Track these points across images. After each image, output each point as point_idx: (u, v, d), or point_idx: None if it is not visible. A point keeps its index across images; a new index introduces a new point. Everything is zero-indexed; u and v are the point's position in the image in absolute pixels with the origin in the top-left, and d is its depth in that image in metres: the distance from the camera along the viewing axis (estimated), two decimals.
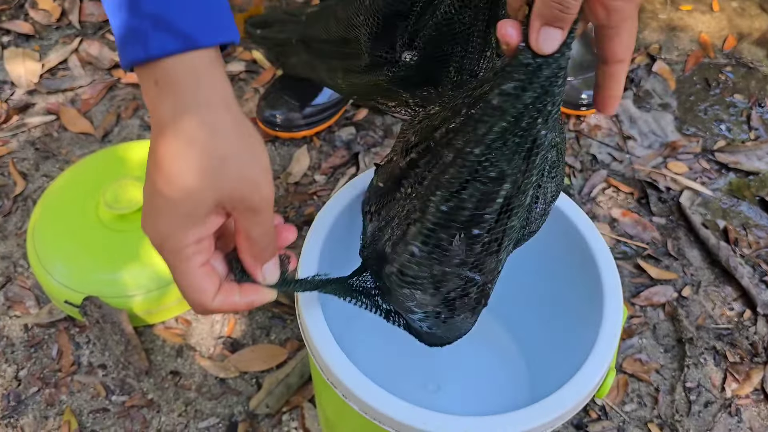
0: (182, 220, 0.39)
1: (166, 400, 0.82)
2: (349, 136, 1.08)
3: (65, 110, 1.10)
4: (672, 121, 1.13)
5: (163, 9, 0.37)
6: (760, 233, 1.00)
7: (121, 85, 1.15)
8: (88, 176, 0.93)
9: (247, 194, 0.39)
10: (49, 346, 0.86)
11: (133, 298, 0.83)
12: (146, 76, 0.39)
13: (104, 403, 0.82)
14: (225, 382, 0.84)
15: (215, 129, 0.38)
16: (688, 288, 0.93)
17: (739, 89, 1.18)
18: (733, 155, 1.08)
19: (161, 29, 0.37)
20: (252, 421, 0.80)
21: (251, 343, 0.87)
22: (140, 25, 0.37)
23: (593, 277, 0.59)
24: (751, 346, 0.89)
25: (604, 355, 0.54)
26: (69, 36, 1.22)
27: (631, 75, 1.18)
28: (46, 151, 1.06)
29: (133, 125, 1.09)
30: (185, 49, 0.37)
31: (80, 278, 0.84)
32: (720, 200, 1.04)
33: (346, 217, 0.62)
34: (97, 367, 0.84)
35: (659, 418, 0.83)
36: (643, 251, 0.97)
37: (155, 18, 0.37)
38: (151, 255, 0.85)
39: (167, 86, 0.38)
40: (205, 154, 0.38)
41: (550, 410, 0.50)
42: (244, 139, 0.39)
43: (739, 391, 0.85)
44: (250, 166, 0.39)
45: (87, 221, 0.87)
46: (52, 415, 0.81)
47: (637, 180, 1.05)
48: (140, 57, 0.37)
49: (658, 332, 0.90)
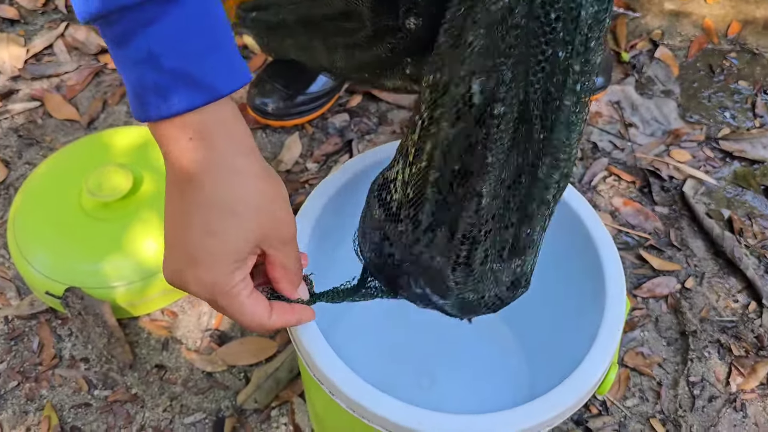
0: (228, 268, 0.41)
1: (150, 394, 0.79)
2: (342, 123, 1.05)
3: (50, 96, 1.07)
4: (675, 108, 1.10)
5: (184, 64, 0.37)
6: (765, 223, 0.97)
7: (108, 70, 1.11)
8: (72, 163, 0.89)
9: (282, 232, 0.43)
10: (30, 339, 0.83)
11: (116, 289, 0.80)
12: (173, 130, 0.39)
13: (86, 397, 0.79)
14: (212, 376, 0.81)
15: (249, 177, 0.41)
16: (692, 279, 0.91)
17: (744, 76, 1.14)
18: (738, 143, 1.05)
19: (185, 84, 0.37)
20: (240, 416, 0.78)
21: (240, 335, 0.84)
22: (162, 80, 0.37)
23: (595, 268, 0.57)
24: (756, 339, 0.86)
25: (606, 350, 0.51)
26: (55, 21, 1.18)
27: (633, 61, 1.15)
28: (30, 138, 1.02)
29: (120, 112, 1.06)
30: (210, 101, 0.38)
31: (62, 268, 0.81)
32: (724, 189, 1.01)
33: (335, 204, 0.59)
34: (80, 360, 0.81)
35: (662, 413, 0.80)
36: (645, 241, 0.94)
37: (177, 73, 0.37)
38: (135, 245, 0.81)
39: (200, 139, 0.39)
40: (244, 204, 0.40)
41: (548, 408, 0.47)
42: (271, 182, 0.42)
43: (745, 386, 0.82)
44: (279, 206, 0.42)
45: (69, 210, 0.84)
46: (32, 410, 0.78)
47: (639, 168, 1.02)
48: (164, 113, 0.38)
49: (660, 325, 0.87)
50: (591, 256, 0.57)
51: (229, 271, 0.41)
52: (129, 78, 0.38)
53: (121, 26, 0.37)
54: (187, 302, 0.86)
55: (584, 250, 0.58)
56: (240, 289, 0.42)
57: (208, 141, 0.39)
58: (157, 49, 0.37)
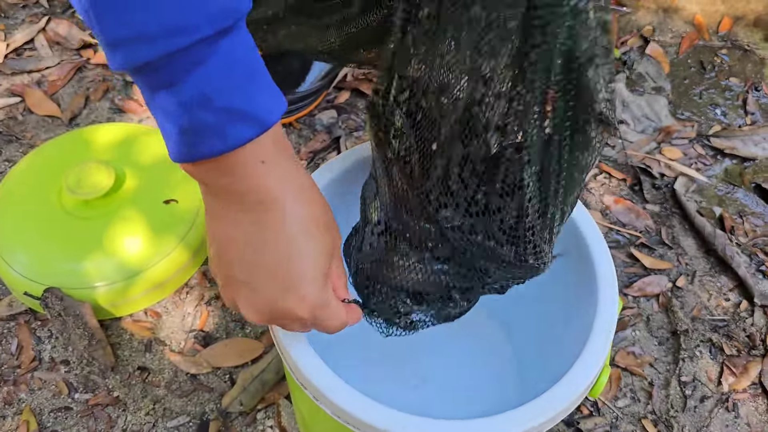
0: (322, 284, 0.43)
1: (132, 397, 0.77)
2: (330, 120, 1.03)
3: (31, 92, 1.05)
4: (666, 105, 1.09)
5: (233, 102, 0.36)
6: (757, 221, 0.96)
7: (91, 66, 1.09)
8: (52, 160, 0.87)
9: (339, 242, 0.45)
10: (9, 341, 0.81)
11: (97, 290, 0.78)
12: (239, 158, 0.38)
13: (66, 401, 0.77)
14: (196, 378, 0.79)
15: (312, 192, 0.42)
16: (683, 278, 0.90)
17: (735, 72, 1.14)
18: (729, 140, 1.04)
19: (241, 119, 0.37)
20: (225, 419, 0.76)
21: (225, 336, 0.82)
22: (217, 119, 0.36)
23: (587, 270, 0.55)
24: (748, 339, 0.85)
25: (598, 352, 0.50)
26: (36, 15, 1.16)
27: (624, 57, 1.14)
28: (10, 135, 1.00)
29: (103, 108, 1.04)
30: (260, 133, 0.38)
31: (41, 268, 0.79)
32: (715, 187, 1.00)
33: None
34: (60, 362, 0.79)
35: (653, 413, 0.79)
36: (636, 240, 0.93)
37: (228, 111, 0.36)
38: (116, 244, 0.80)
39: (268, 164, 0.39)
40: (316, 220, 0.42)
41: (539, 413, 0.46)
42: (321, 195, 0.44)
43: (736, 385, 0.81)
44: (332, 219, 0.44)
45: (49, 208, 0.82)
46: (9, 415, 0.76)
47: (630, 166, 1.01)
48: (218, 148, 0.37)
49: (651, 324, 0.86)
50: (583, 257, 0.56)
51: (323, 287, 0.43)
52: (176, 121, 0.37)
53: (168, 72, 0.35)
54: (171, 302, 0.84)
55: (576, 252, 0.57)
56: (332, 298, 0.44)
57: (274, 164, 0.39)
58: (208, 90, 0.35)
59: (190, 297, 0.85)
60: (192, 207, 0.84)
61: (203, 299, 0.85)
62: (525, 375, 0.74)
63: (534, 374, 0.68)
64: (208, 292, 0.85)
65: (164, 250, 0.81)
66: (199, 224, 0.84)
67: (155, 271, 0.80)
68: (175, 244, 0.81)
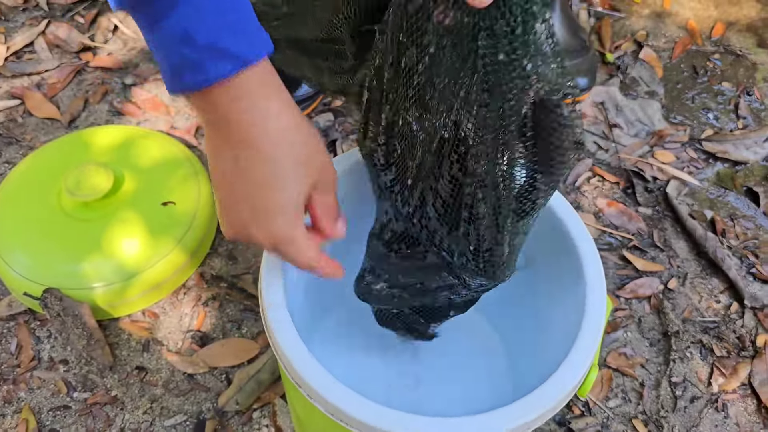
0: (292, 217, 0.45)
1: (130, 396, 0.78)
2: (326, 123, 1.05)
3: (30, 94, 1.06)
4: (659, 109, 1.10)
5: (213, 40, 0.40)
6: (748, 224, 0.97)
7: (90, 69, 1.10)
8: (51, 162, 0.88)
9: (328, 178, 0.48)
10: (8, 341, 0.82)
11: (96, 290, 0.79)
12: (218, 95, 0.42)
13: (65, 400, 0.78)
14: (193, 378, 0.80)
15: (295, 131, 0.44)
16: (675, 280, 0.91)
17: (727, 77, 1.15)
18: (721, 144, 1.06)
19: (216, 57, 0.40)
20: (221, 418, 0.77)
21: (221, 336, 0.83)
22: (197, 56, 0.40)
23: (577, 272, 0.56)
24: (738, 340, 0.86)
25: (586, 352, 0.51)
26: (36, 18, 1.17)
27: (618, 62, 1.15)
28: (9, 137, 1.01)
29: (102, 110, 1.05)
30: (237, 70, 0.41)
31: (40, 269, 0.80)
32: (707, 190, 1.01)
33: None
34: (59, 362, 0.80)
35: (644, 413, 0.80)
36: (628, 242, 0.94)
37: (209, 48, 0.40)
38: (115, 245, 0.81)
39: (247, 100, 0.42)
40: (296, 156, 0.44)
41: (528, 410, 0.47)
42: (312, 131, 0.46)
43: (726, 386, 0.83)
44: (322, 152, 0.47)
45: (48, 209, 0.83)
46: (9, 413, 0.77)
47: (623, 169, 1.02)
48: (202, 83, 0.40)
49: (643, 325, 0.87)
50: (573, 259, 0.57)
51: (292, 220, 0.45)
52: (164, 55, 0.41)
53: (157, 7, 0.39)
54: (168, 303, 0.86)
55: (566, 255, 0.58)
56: (300, 234, 0.46)
57: (253, 103, 0.42)
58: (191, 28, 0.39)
59: (188, 298, 0.86)
60: (189, 209, 0.85)
61: (200, 300, 0.86)
62: (517, 374, 0.75)
63: (526, 373, 0.69)
64: (205, 293, 0.86)
65: (162, 251, 0.82)
66: (196, 226, 0.85)
67: (153, 273, 0.81)
68: (173, 245, 0.82)
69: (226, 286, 0.87)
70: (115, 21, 1.17)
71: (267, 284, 0.52)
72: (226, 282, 0.87)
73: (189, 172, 0.89)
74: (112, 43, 1.14)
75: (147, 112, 1.05)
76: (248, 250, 0.90)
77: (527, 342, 0.71)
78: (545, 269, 0.63)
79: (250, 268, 0.89)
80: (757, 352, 0.85)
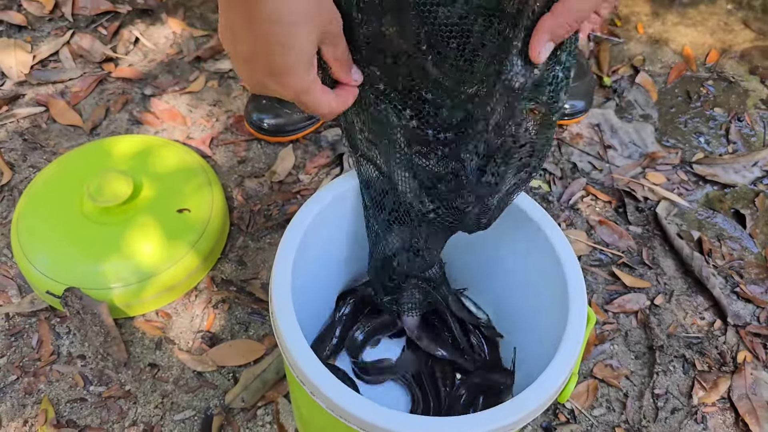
0: (305, 70, 0.47)
1: (143, 391, 0.83)
2: (334, 137, 1.10)
3: (54, 102, 1.11)
4: (652, 132, 1.15)
5: None
6: (734, 245, 1.02)
7: (112, 79, 1.16)
8: (74, 169, 0.94)
9: (335, 29, 0.49)
10: (30, 336, 0.87)
11: (114, 291, 0.84)
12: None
13: (82, 393, 0.83)
14: (202, 376, 0.85)
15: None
16: (661, 296, 0.95)
17: (720, 103, 1.20)
18: (711, 168, 1.10)
19: None
20: (227, 414, 0.82)
21: (230, 338, 0.88)
22: None
23: (561, 286, 0.61)
24: (719, 356, 0.91)
25: (566, 361, 0.55)
26: (61, 28, 1.23)
27: (615, 86, 1.20)
28: (34, 142, 1.07)
29: (122, 119, 1.10)
30: None
31: (62, 269, 0.85)
32: (696, 212, 1.06)
33: (324, 218, 0.64)
34: (77, 357, 0.86)
35: (627, 423, 0.85)
36: (618, 259, 0.99)
37: None
38: (132, 249, 0.86)
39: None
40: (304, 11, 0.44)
41: (510, 413, 0.52)
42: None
43: (706, 399, 0.87)
44: (329, 5, 0.47)
45: (71, 213, 0.88)
46: (29, 404, 0.82)
47: (616, 189, 1.07)
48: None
49: (629, 339, 0.92)
50: (558, 276, 0.62)
51: (306, 73, 0.48)
52: None
53: None
54: (181, 305, 0.91)
55: (554, 271, 0.63)
56: (316, 84, 0.49)
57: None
58: None
59: (199, 300, 0.91)
60: (203, 216, 0.91)
61: (210, 302, 0.91)
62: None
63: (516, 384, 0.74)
64: (215, 296, 0.91)
65: (176, 255, 0.87)
66: (209, 233, 0.90)
67: (167, 275, 0.86)
68: (187, 250, 0.88)
69: (235, 290, 0.92)
70: (136, 33, 1.23)
71: (277, 285, 0.57)
72: (235, 286, 0.92)
73: (203, 181, 0.94)
74: (133, 55, 1.20)
75: (165, 122, 1.10)
76: (257, 257, 0.95)
77: (519, 351, 0.76)
78: (535, 286, 0.68)
79: (258, 273, 0.94)
80: (737, 368, 0.90)
